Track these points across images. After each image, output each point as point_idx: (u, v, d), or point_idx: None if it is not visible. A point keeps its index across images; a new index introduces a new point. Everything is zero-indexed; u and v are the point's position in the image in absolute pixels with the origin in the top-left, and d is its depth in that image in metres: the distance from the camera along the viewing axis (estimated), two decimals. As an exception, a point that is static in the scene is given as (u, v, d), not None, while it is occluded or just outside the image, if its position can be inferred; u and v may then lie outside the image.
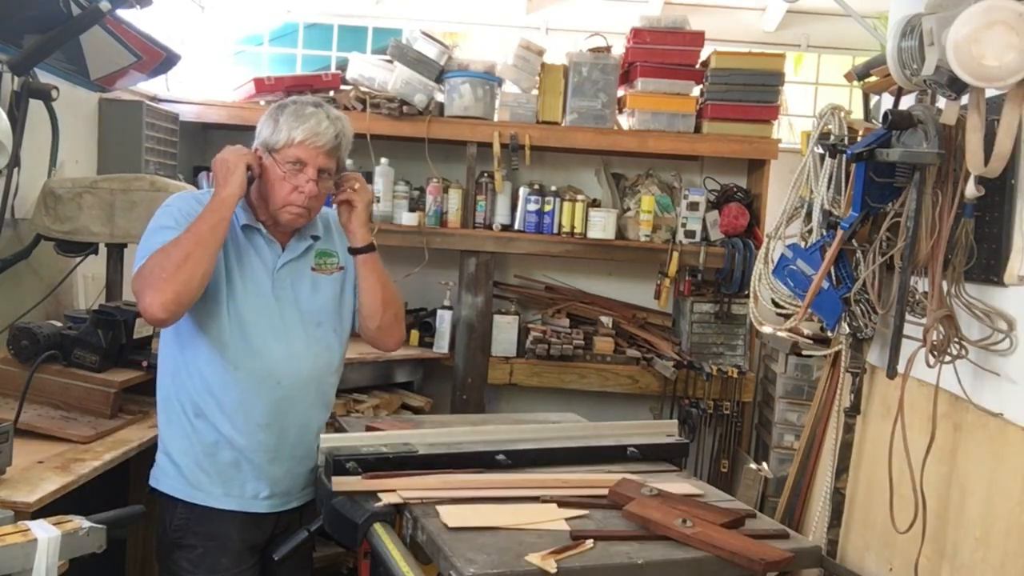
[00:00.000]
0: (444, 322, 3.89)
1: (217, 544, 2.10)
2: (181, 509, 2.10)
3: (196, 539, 2.10)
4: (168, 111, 3.62)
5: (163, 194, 2.76)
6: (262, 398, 2.09)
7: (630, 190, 4.10)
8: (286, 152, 2.07)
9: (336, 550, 3.33)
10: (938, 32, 1.69)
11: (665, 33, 3.83)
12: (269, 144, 2.09)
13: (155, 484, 2.15)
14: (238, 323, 2.08)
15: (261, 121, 2.13)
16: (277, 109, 2.12)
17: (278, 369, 2.11)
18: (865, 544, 2.21)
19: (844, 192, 2.19)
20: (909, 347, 1.89)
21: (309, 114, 2.08)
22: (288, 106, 2.11)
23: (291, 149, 2.06)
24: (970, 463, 1.82)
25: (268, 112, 2.13)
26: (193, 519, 2.09)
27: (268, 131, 2.10)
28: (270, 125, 2.10)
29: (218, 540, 2.10)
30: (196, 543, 2.09)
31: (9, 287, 2.78)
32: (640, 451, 2.32)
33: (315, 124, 2.07)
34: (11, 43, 2.61)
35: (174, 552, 2.11)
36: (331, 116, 2.11)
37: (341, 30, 4.54)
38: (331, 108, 2.14)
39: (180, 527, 2.10)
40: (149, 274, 1.95)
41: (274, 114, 2.11)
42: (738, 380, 3.82)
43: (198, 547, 2.09)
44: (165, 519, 2.12)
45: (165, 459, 2.13)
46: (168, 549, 2.12)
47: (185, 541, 2.10)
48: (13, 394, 2.30)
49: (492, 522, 1.79)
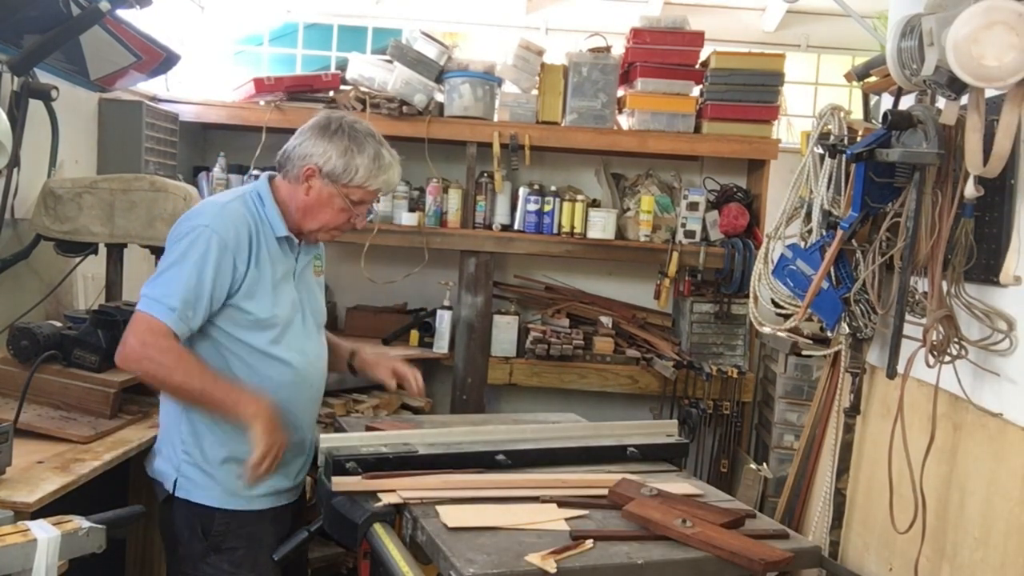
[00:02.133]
0: (444, 322, 3.89)
1: (256, 543, 2.15)
2: (220, 516, 2.12)
3: (238, 541, 2.13)
4: (168, 111, 3.62)
5: (163, 194, 2.77)
6: (297, 400, 2.18)
7: (630, 190, 4.10)
8: (355, 191, 2.14)
9: (336, 550, 3.33)
10: (938, 32, 1.69)
11: (665, 33, 3.83)
12: (336, 176, 2.11)
13: (186, 496, 2.12)
14: (280, 332, 2.13)
15: (324, 143, 2.11)
16: (351, 143, 2.12)
17: (310, 371, 2.21)
18: (865, 544, 2.21)
19: (844, 192, 2.19)
20: (909, 347, 1.89)
21: (387, 164, 2.15)
22: (365, 145, 2.13)
23: (362, 191, 2.14)
24: (970, 463, 1.82)
25: (335, 138, 2.12)
26: (234, 524, 2.13)
27: (339, 165, 2.11)
28: (341, 159, 2.10)
29: (256, 539, 2.15)
30: (237, 545, 2.13)
31: (9, 287, 2.78)
32: (640, 451, 2.32)
33: (392, 176, 2.18)
34: (11, 43, 2.61)
35: (210, 556, 2.12)
36: (396, 160, 2.19)
37: (341, 30, 4.55)
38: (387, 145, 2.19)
39: (220, 532, 2.12)
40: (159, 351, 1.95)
41: (348, 148, 2.11)
42: (738, 380, 3.82)
43: (239, 549, 2.13)
44: (197, 527, 2.12)
45: (195, 471, 2.12)
46: (203, 554, 2.12)
47: (226, 545, 2.12)
48: (13, 394, 2.29)
49: (492, 522, 1.79)
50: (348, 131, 2.13)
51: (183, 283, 1.97)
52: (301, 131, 2.17)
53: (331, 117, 2.17)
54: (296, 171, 2.13)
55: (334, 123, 2.14)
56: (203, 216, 2.06)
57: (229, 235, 2.03)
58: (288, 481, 2.22)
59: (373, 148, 2.13)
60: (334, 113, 2.20)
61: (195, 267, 1.98)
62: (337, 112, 2.21)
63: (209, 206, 2.11)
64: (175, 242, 2.04)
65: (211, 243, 2.00)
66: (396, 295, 4.20)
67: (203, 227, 2.02)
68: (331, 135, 2.12)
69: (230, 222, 2.05)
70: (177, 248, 2.02)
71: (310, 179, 2.12)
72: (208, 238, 2.00)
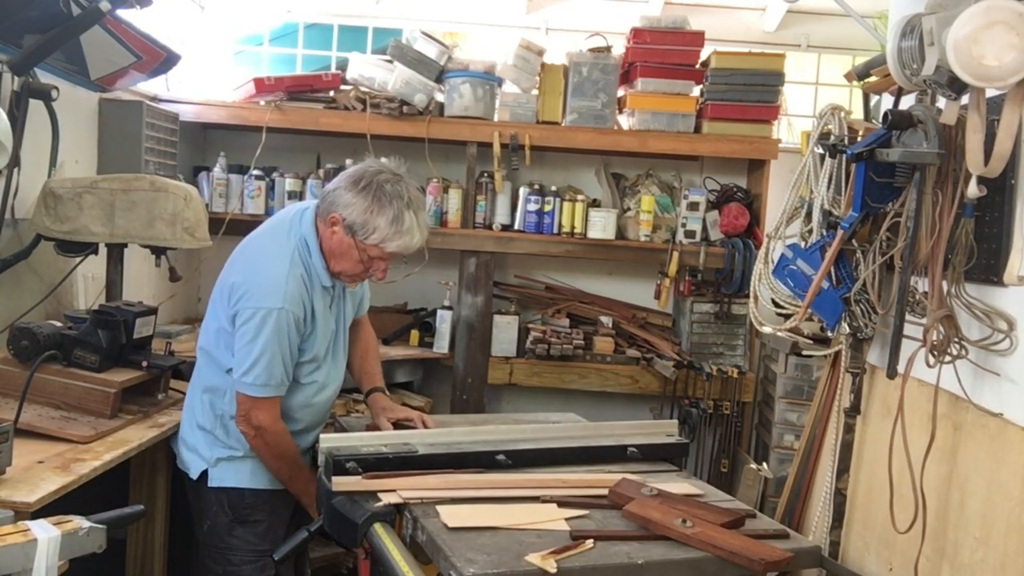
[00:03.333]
0: (444, 322, 3.89)
1: (277, 517, 2.39)
2: (248, 495, 2.35)
3: (263, 515, 2.36)
4: (168, 111, 3.62)
5: (163, 194, 2.77)
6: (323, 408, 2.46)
7: (630, 190, 4.10)
8: (372, 249, 2.22)
9: (336, 550, 3.33)
10: (938, 32, 1.69)
11: (665, 33, 3.83)
12: (355, 231, 2.19)
13: (220, 483, 2.34)
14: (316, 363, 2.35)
15: (351, 195, 2.19)
16: (374, 203, 2.17)
17: (333, 383, 2.45)
18: (865, 544, 2.21)
19: (844, 192, 2.19)
20: (909, 347, 1.89)
21: (407, 230, 2.19)
22: (387, 208, 2.17)
23: (378, 250, 2.22)
24: (970, 463, 1.81)
25: (362, 193, 2.18)
26: (260, 500, 2.36)
27: (358, 221, 2.18)
28: (362, 216, 2.18)
29: (278, 513, 2.39)
30: (262, 518, 2.36)
31: (9, 287, 2.78)
32: (640, 451, 2.32)
33: (410, 241, 2.22)
34: (11, 43, 2.61)
35: (236, 528, 2.34)
36: (421, 226, 2.23)
37: (341, 30, 4.54)
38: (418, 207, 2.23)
39: (249, 506, 2.35)
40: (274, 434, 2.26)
41: (370, 208, 2.17)
42: (738, 380, 3.82)
43: (264, 521, 2.36)
44: (225, 504, 2.34)
45: (227, 461, 2.34)
46: (229, 527, 2.34)
47: (253, 518, 2.35)
48: (13, 394, 2.29)
49: (492, 522, 1.79)
50: (376, 189, 2.18)
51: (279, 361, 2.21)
52: (340, 176, 2.28)
53: (367, 171, 2.23)
54: (326, 215, 2.25)
55: (367, 178, 2.20)
56: (273, 298, 2.19)
57: (299, 310, 2.22)
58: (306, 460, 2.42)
59: (394, 211, 2.18)
60: (372, 166, 2.25)
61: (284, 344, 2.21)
62: (376, 166, 2.27)
63: (274, 285, 2.20)
64: (250, 320, 2.19)
65: (288, 321, 2.20)
66: (396, 295, 4.20)
67: (278, 310, 2.18)
68: (360, 190, 2.19)
69: (297, 297, 2.22)
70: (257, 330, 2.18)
71: (334, 225, 2.22)
72: (286, 319, 2.20)
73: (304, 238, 2.28)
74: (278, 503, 2.38)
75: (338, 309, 2.42)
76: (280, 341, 2.19)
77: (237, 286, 2.23)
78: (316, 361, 2.34)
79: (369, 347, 2.67)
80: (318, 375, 2.37)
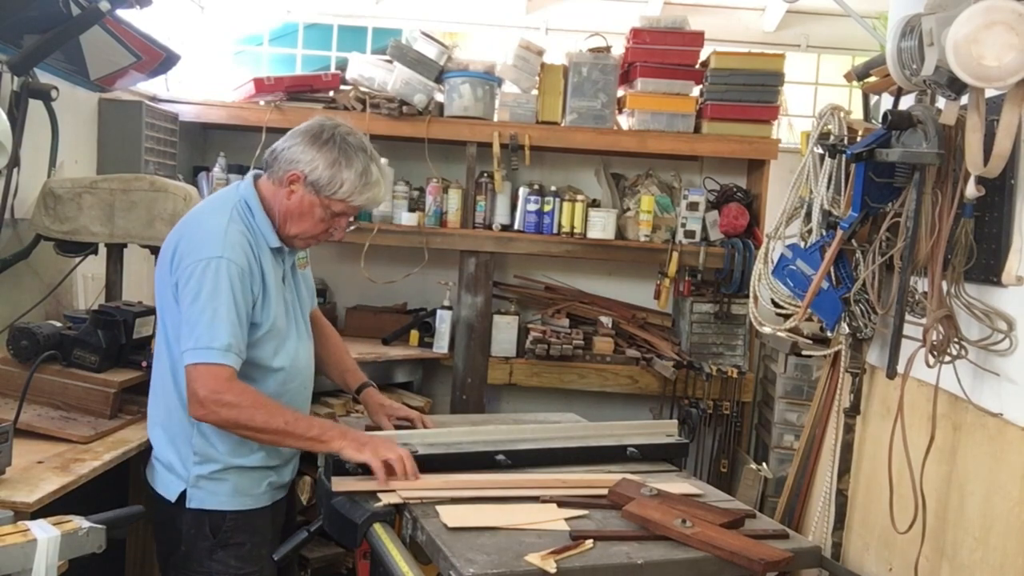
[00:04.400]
0: (444, 322, 3.89)
1: (260, 537, 2.19)
2: (230, 516, 2.14)
3: (245, 536, 2.15)
4: (168, 111, 3.62)
5: (163, 194, 2.77)
6: (297, 399, 2.22)
7: (630, 190, 4.10)
8: (336, 204, 2.11)
9: (336, 550, 3.33)
10: (938, 32, 1.69)
11: (665, 33, 3.83)
12: (320, 187, 2.08)
13: (200, 505, 2.11)
14: (279, 339, 2.15)
15: (313, 151, 2.08)
16: (340, 155, 2.08)
17: (304, 369, 2.26)
18: (865, 544, 2.22)
19: (844, 192, 2.19)
20: (909, 347, 1.89)
21: (374, 181, 2.13)
22: (354, 160, 2.09)
23: (344, 205, 2.12)
24: (970, 463, 1.82)
25: (325, 148, 2.08)
26: (242, 521, 2.15)
27: (324, 177, 2.07)
28: (328, 171, 2.07)
29: (261, 533, 2.19)
30: (244, 540, 2.15)
31: (9, 287, 2.78)
32: (640, 451, 2.32)
33: (376, 194, 2.15)
34: (11, 43, 2.61)
35: (217, 552, 2.13)
36: (384, 177, 2.18)
37: (341, 30, 4.54)
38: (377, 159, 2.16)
39: (230, 529, 2.14)
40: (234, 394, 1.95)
41: (336, 160, 2.08)
42: (738, 380, 3.82)
43: (246, 543, 2.16)
44: (205, 527, 2.12)
45: (207, 480, 2.11)
46: (210, 551, 2.13)
47: (234, 540, 2.14)
48: (13, 394, 2.29)
49: (492, 522, 1.79)
50: (340, 142, 2.09)
51: (223, 319, 1.96)
52: (293, 133, 2.14)
53: (325, 125, 2.13)
54: (281, 174, 2.11)
55: (327, 132, 2.10)
56: (212, 247, 2.01)
57: (242, 261, 2.02)
58: (286, 476, 2.27)
59: (362, 163, 2.10)
60: (328, 121, 2.15)
61: (227, 300, 1.97)
62: (332, 120, 2.16)
63: (212, 235, 2.04)
64: (190, 278, 1.99)
65: (231, 273, 1.99)
66: (396, 295, 4.21)
67: (217, 258, 1.99)
68: (322, 144, 2.08)
69: (238, 247, 2.03)
70: (198, 285, 1.98)
71: (293, 184, 2.10)
72: (227, 268, 1.99)
73: (244, 199, 2.13)
74: (261, 522, 2.20)
75: (294, 287, 2.25)
76: (224, 296, 1.96)
77: (175, 251, 2.05)
78: (277, 336, 2.12)
79: (338, 341, 2.54)
80: (283, 358, 2.15)
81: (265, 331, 2.10)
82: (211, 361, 1.94)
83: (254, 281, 2.06)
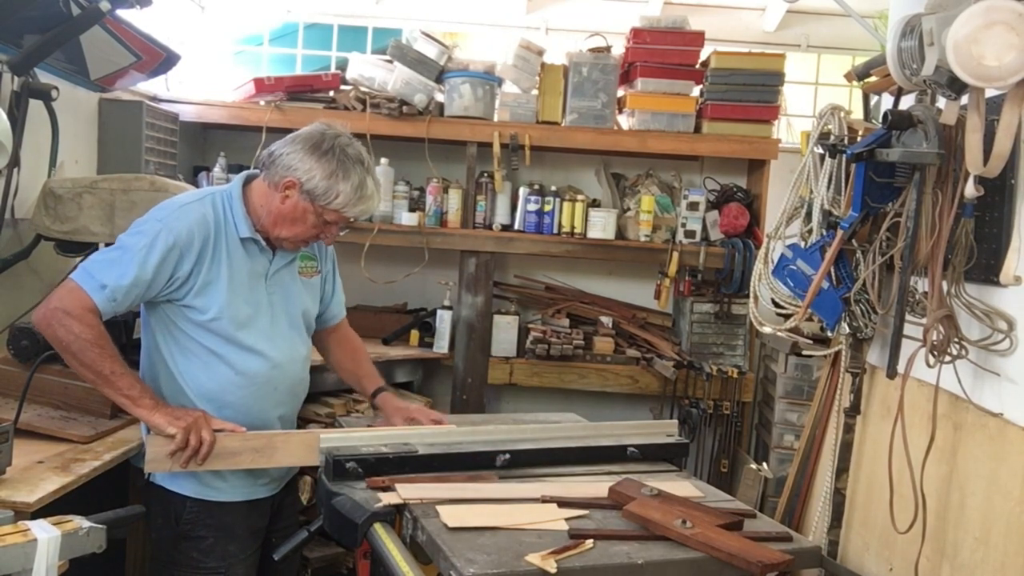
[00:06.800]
0: (444, 322, 3.89)
1: (225, 533, 2.18)
2: (191, 504, 2.15)
3: (206, 531, 2.16)
4: (168, 111, 3.62)
5: (163, 194, 2.76)
6: (260, 399, 2.19)
7: (630, 190, 4.10)
8: (331, 214, 2.13)
9: (336, 550, 3.33)
10: (938, 32, 1.69)
11: (665, 33, 3.83)
12: (315, 196, 2.10)
13: (162, 483, 2.16)
14: (236, 330, 2.13)
15: (312, 160, 2.09)
16: (338, 167, 2.09)
17: (274, 371, 2.21)
18: (865, 544, 2.21)
19: (844, 192, 2.19)
20: (909, 347, 1.89)
21: (368, 195, 2.14)
22: (351, 173, 2.10)
23: (337, 215, 2.14)
24: (970, 463, 1.82)
25: (324, 158, 2.09)
26: (203, 513, 2.16)
27: (320, 187, 2.09)
28: (324, 182, 2.09)
29: (226, 530, 2.18)
30: (206, 534, 2.16)
31: (9, 287, 2.78)
32: (640, 451, 2.32)
33: (369, 206, 2.18)
34: (11, 43, 2.61)
35: (181, 543, 2.16)
36: (378, 189, 2.19)
37: (341, 30, 4.54)
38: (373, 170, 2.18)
39: (190, 520, 2.16)
40: (81, 323, 1.96)
41: (334, 172, 2.09)
42: (738, 380, 3.82)
43: (208, 538, 2.16)
44: (171, 513, 2.16)
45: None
46: (175, 541, 2.17)
47: (195, 533, 2.16)
48: (13, 394, 2.30)
49: (492, 522, 1.79)
50: (339, 153, 2.11)
51: (122, 269, 2.00)
52: (293, 139, 2.15)
53: (326, 134, 2.14)
54: (278, 178, 2.12)
55: (327, 141, 2.12)
56: (161, 211, 2.10)
57: (181, 235, 2.05)
58: (265, 474, 2.23)
59: (358, 177, 2.11)
60: (329, 129, 2.16)
61: (138, 258, 2.01)
62: (332, 129, 2.17)
63: (170, 204, 2.13)
64: (132, 231, 2.07)
65: (159, 238, 2.03)
66: (396, 295, 4.20)
67: (156, 222, 2.06)
68: (321, 154, 2.10)
69: (184, 222, 2.07)
70: (130, 236, 2.05)
71: (289, 190, 2.11)
72: (157, 233, 2.04)
73: (229, 192, 2.17)
74: (229, 518, 2.18)
75: (282, 289, 2.24)
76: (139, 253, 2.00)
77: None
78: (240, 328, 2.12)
79: (359, 349, 2.58)
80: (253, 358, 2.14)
81: (212, 317, 2.09)
82: (85, 287, 1.98)
83: (188, 259, 2.06)
